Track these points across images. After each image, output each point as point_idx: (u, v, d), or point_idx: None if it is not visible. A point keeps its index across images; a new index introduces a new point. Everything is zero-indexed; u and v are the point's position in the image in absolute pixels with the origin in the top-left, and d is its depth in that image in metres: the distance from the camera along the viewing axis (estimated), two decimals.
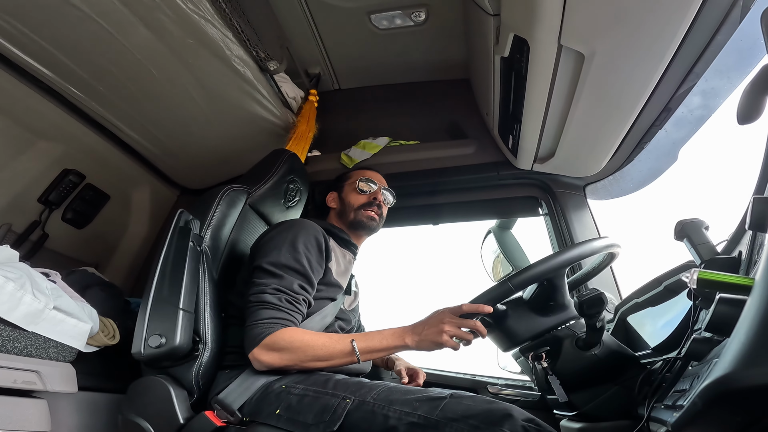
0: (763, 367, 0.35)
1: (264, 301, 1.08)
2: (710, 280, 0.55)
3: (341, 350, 1.06)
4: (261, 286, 1.11)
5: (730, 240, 0.85)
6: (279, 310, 1.08)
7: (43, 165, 1.67)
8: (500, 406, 0.84)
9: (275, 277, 1.12)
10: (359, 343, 1.06)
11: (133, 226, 2.01)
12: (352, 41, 1.86)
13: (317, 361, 1.05)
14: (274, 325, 1.05)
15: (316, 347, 1.05)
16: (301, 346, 1.04)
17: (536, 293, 1.03)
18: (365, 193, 1.43)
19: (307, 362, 1.05)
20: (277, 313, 1.07)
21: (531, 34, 1.10)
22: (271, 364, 1.03)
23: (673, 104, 1.26)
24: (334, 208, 1.47)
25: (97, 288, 1.45)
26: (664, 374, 0.75)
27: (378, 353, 1.07)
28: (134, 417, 1.00)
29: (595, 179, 1.71)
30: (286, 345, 1.03)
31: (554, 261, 0.93)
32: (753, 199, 0.55)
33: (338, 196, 1.48)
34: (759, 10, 0.81)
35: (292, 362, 1.04)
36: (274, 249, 1.16)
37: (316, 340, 1.06)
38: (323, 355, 1.05)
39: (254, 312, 1.08)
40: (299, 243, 1.17)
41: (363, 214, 1.40)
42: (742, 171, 1.00)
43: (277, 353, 1.03)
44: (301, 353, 1.04)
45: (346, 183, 1.49)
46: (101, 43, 1.36)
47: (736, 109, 0.66)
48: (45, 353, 1.10)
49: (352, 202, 1.42)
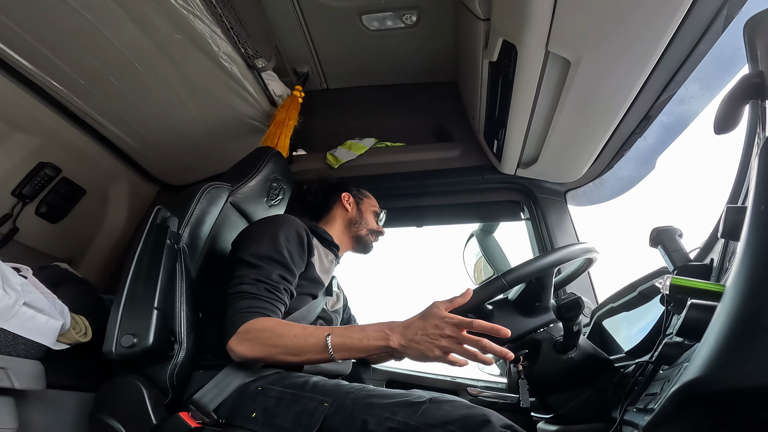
0: (731, 372, 0.36)
1: (242, 292, 1.05)
2: (682, 286, 0.57)
3: (314, 344, 0.96)
4: (240, 278, 1.08)
5: (703, 247, 0.87)
6: (257, 298, 1.05)
7: (18, 157, 1.62)
8: (479, 411, 0.84)
9: (254, 267, 1.09)
10: (335, 338, 0.95)
11: (109, 222, 1.96)
12: (341, 41, 1.85)
13: (288, 354, 0.97)
14: (250, 314, 1.01)
15: (286, 338, 0.97)
16: (272, 336, 0.97)
17: (522, 293, 1.04)
18: (378, 223, 1.55)
19: (277, 355, 0.97)
20: (254, 302, 1.04)
21: (520, 39, 1.11)
22: (244, 354, 0.98)
23: (653, 112, 1.29)
24: (348, 211, 1.50)
25: (70, 284, 1.41)
26: (637, 378, 0.77)
27: (356, 353, 0.95)
28: (105, 417, 0.97)
29: (575, 185, 1.74)
30: (257, 334, 0.98)
31: (548, 259, 0.94)
32: (726, 208, 0.56)
33: (356, 204, 1.52)
34: (742, 20, 0.82)
35: (262, 354, 0.98)
36: (254, 242, 1.14)
37: (288, 330, 0.98)
38: (294, 347, 0.96)
39: (232, 303, 1.05)
40: (280, 235, 1.16)
41: (371, 238, 1.52)
42: (716, 180, 1.03)
43: (249, 343, 0.98)
44: (271, 344, 0.97)
45: (366, 199, 1.56)
46: (86, 36, 1.34)
47: (714, 118, 0.67)
48: (13, 350, 1.06)
49: (369, 220, 1.52)
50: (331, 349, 0.94)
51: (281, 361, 0.99)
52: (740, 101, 0.64)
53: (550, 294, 1.03)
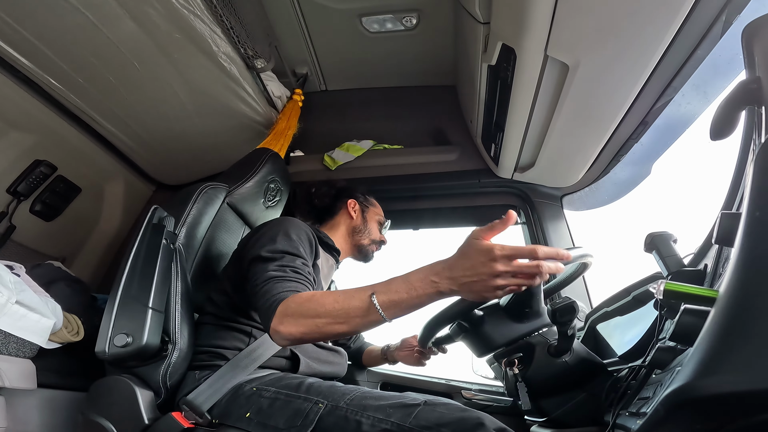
0: (722, 377, 0.36)
1: (270, 278, 1.00)
2: (676, 291, 0.57)
3: (359, 307, 0.86)
4: (262, 270, 1.03)
5: (697, 253, 0.88)
6: (286, 280, 1.00)
7: (14, 155, 1.62)
8: (473, 414, 0.84)
9: (274, 260, 1.06)
10: (381, 296, 0.85)
11: (104, 221, 1.95)
12: (341, 43, 1.86)
13: (334, 322, 0.88)
14: (284, 293, 0.96)
15: (327, 305, 0.89)
16: (313, 306, 0.90)
17: (513, 299, 1.04)
18: (381, 233, 1.54)
19: (324, 326, 0.89)
20: (285, 284, 0.99)
21: (519, 43, 1.12)
22: (290, 334, 0.90)
23: (650, 118, 1.30)
24: (353, 219, 1.49)
25: (63, 283, 1.40)
26: (630, 382, 0.77)
27: (407, 309, 0.86)
28: (96, 417, 0.96)
29: (572, 190, 1.75)
30: (298, 308, 0.92)
31: None
32: (721, 214, 0.56)
33: (361, 212, 1.51)
34: (740, 26, 0.81)
35: (308, 328, 0.89)
36: (268, 240, 1.12)
37: (328, 297, 0.91)
38: (338, 313, 0.88)
39: (264, 293, 0.98)
40: (292, 233, 1.15)
41: (373, 248, 1.51)
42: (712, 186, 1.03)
43: (291, 320, 0.90)
44: (314, 314, 0.89)
45: (372, 208, 1.55)
46: (85, 34, 1.34)
47: (710, 124, 0.67)
48: (4, 348, 1.06)
49: (372, 230, 1.51)
50: (380, 309, 0.85)
51: (329, 333, 0.90)
52: (737, 107, 0.64)
53: (540, 300, 1.03)
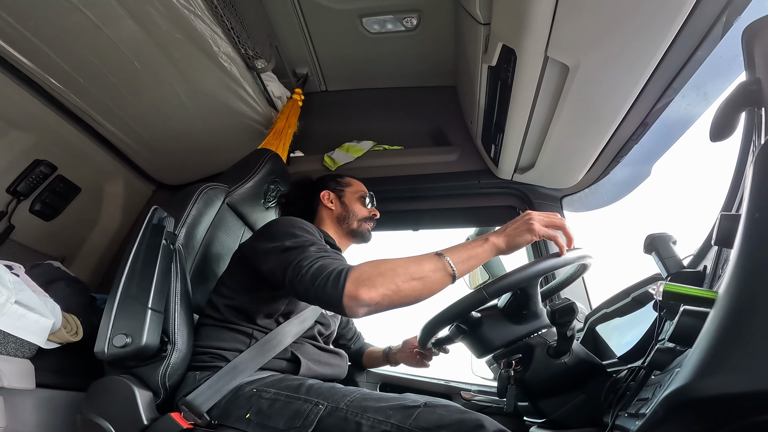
0: (721, 378, 0.36)
1: (317, 257, 0.98)
2: (675, 292, 0.57)
3: (431, 265, 0.93)
4: (299, 255, 1.00)
5: (696, 254, 0.88)
6: (334, 259, 0.99)
7: (13, 154, 1.62)
8: (472, 416, 0.84)
9: (302, 246, 1.04)
10: (448, 254, 0.94)
11: (103, 221, 1.95)
12: (341, 43, 1.86)
13: (413, 280, 0.90)
14: (341, 265, 0.94)
15: (400, 265, 0.91)
16: (390, 266, 0.91)
17: (510, 302, 1.04)
18: (367, 207, 1.47)
19: (404, 285, 0.90)
20: (336, 260, 0.98)
21: (519, 44, 1.12)
22: (370, 298, 0.88)
23: (650, 119, 1.30)
24: (332, 209, 1.44)
25: (62, 283, 1.40)
26: (629, 383, 0.77)
27: (470, 262, 0.95)
28: (95, 417, 0.96)
29: (571, 191, 1.75)
30: (372, 271, 0.91)
31: (527, 271, 0.94)
32: (720, 216, 0.56)
33: (337, 198, 1.46)
34: (740, 27, 0.82)
35: (389, 289, 0.89)
36: (285, 234, 1.10)
37: (396, 260, 0.93)
38: (414, 271, 0.91)
39: (313, 272, 0.95)
40: (305, 226, 1.15)
41: (365, 226, 1.45)
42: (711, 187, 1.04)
43: (369, 284, 0.89)
44: (393, 274, 0.90)
45: (347, 189, 1.48)
46: (85, 34, 1.34)
47: (710, 126, 0.67)
48: (3, 348, 1.06)
49: (356, 211, 1.44)
50: (452, 264, 0.93)
51: (407, 292, 0.91)
52: (737, 108, 0.64)
53: (538, 301, 1.03)
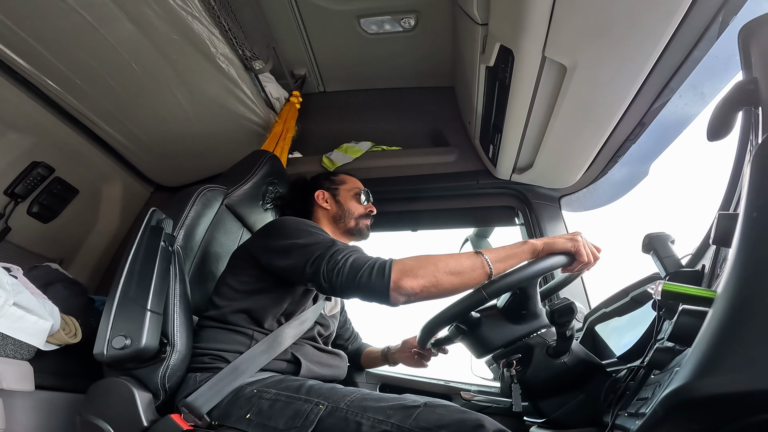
0: (720, 377, 0.36)
1: (350, 251, 1.02)
2: (674, 291, 0.57)
3: (470, 263, 0.97)
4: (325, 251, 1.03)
5: (695, 254, 0.88)
6: (360, 252, 1.04)
7: (11, 156, 1.61)
8: (472, 416, 0.84)
9: (322, 241, 1.07)
10: (488, 254, 0.98)
11: (101, 223, 1.95)
12: (339, 44, 1.86)
13: (452, 275, 0.96)
14: (380, 258, 1.00)
15: (441, 260, 0.97)
16: (432, 261, 0.97)
17: (509, 302, 1.05)
18: (363, 204, 1.46)
19: (443, 278, 0.95)
20: (363, 253, 1.03)
21: (517, 44, 1.12)
22: (412, 288, 0.94)
23: (647, 119, 1.30)
24: (328, 209, 1.43)
25: (60, 285, 1.40)
26: (628, 382, 0.77)
27: (510, 261, 0.99)
28: (94, 418, 0.96)
29: (569, 191, 1.75)
30: (415, 263, 0.96)
31: (526, 271, 0.95)
32: (718, 215, 0.56)
33: (332, 198, 1.45)
34: (737, 26, 0.82)
35: (429, 281, 0.95)
36: (299, 231, 1.12)
37: (437, 256, 0.98)
38: (453, 267, 0.96)
39: (348, 265, 0.99)
40: (315, 224, 1.19)
41: (363, 224, 1.44)
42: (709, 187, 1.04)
43: (412, 275, 0.95)
44: (434, 267, 0.96)
45: (341, 187, 1.47)
46: (83, 35, 1.33)
47: (707, 125, 0.67)
48: (2, 350, 1.05)
49: (352, 209, 1.43)
50: (490, 263, 0.97)
51: (445, 285, 0.96)
52: (733, 108, 0.63)
53: (537, 301, 1.03)
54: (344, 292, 1.02)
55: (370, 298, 1.00)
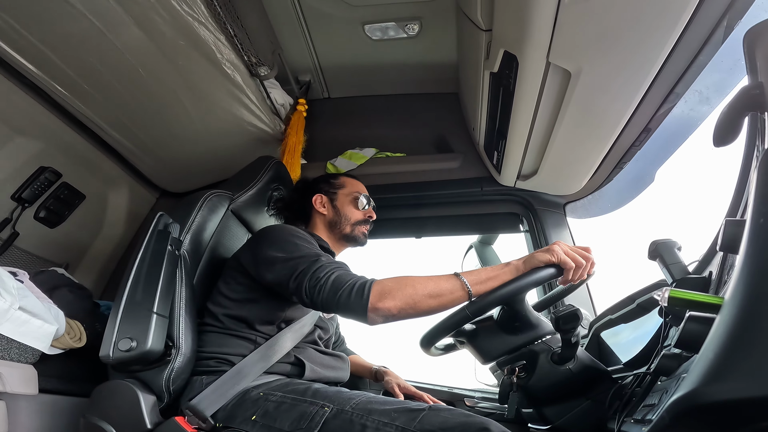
0: (728, 384, 0.36)
1: (333, 269, 1.04)
2: (681, 298, 0.57)
3: (448, 285, 0.98)
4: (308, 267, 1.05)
5: (701, 260, 0.87)
6: (344, 269, 1.05)
7: (19, 161, 1.62)
8: (477, 419, 0.84)
9: (307, 255, 1.09)
10: (466, 276, 0.98)
11: (107, 228, 1.96)
12: (344, 50, 1.87)
13: (430, 297, 0.97)
14: (361, 277, 1.02)
15: (419, 283, 0.98)
16: (410, 282, 0.98)
17: (501, 315, 1.06)
18: (362, 210, 1.43)
19: (421, 300, 0.97)
20: (347, 270, 1.05)
21: (521, 50, 1.12)
22: (389, 309, 0.96)
23: (652, 125, 1.29)
24: (325, 214, 1.42)
25: (66, 289, 1.40)
26: (635, 389, 0.77)
27: (488, 282, 0.97)
28: (98, 421, 0.96)
29: (575, 198, 1.74)
30: (394, 286, 0.98)
31: (506, 289, 0.95)
32: (725, 221, 0.56)
33: (330, 202, 1.44)
34: (742, 31, 0.82)
35: (407, 302, 0.96)
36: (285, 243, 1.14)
37: (416, 278, 0.99)
38: (432, 290, 0.97)
39: (330, 284, 1.01)
40: (301, 235, 1.20)
41: (359, 230, 1.41)
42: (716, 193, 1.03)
43: (390, 296, 0.96)
44: (412, 289, 0.97)
45: (340, 191, 1.45)
46: (91, 41, 1.35)
47: (713, 131, 0.67)
48: (6, 354, 1.06)
49: (348, 215, 1.41)
50: (468, 285, 0.97)
51: (421, 308, 0.97)
52: (739, 113, 0.63)
53: (527, 314, 1.03)
54: (325, 309, 1.05)
55: (348, 316, 1.02)
